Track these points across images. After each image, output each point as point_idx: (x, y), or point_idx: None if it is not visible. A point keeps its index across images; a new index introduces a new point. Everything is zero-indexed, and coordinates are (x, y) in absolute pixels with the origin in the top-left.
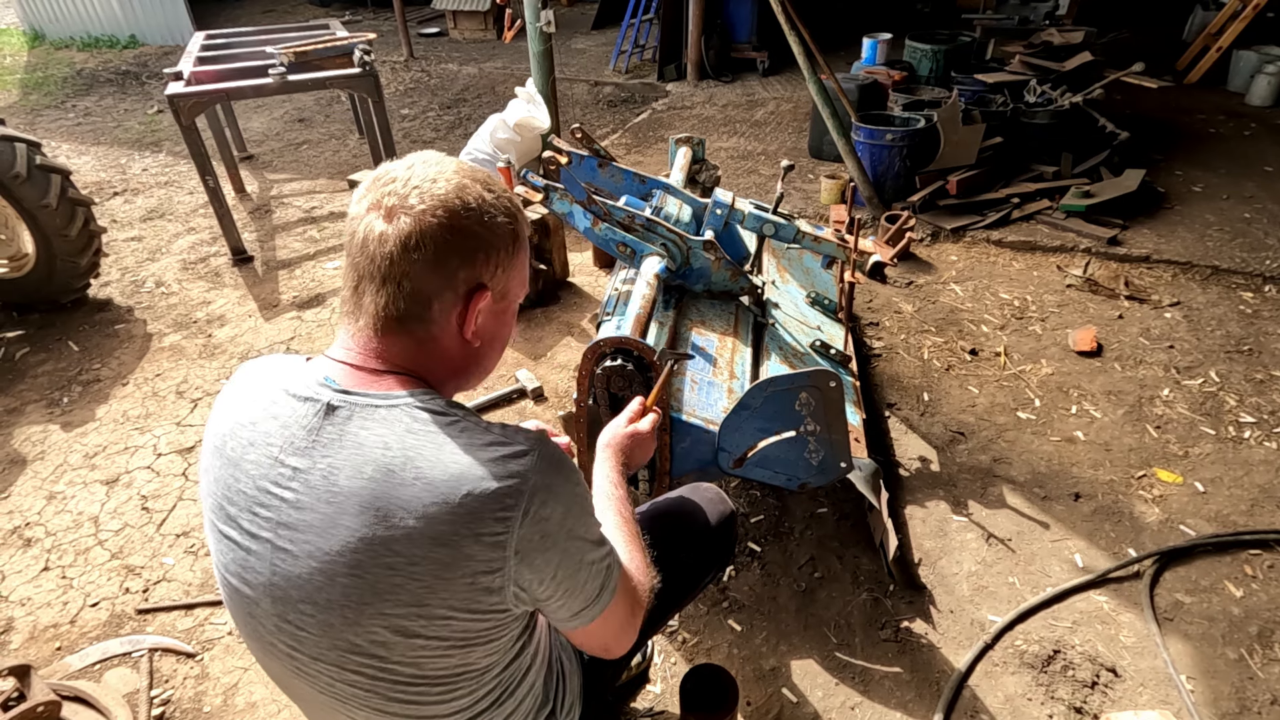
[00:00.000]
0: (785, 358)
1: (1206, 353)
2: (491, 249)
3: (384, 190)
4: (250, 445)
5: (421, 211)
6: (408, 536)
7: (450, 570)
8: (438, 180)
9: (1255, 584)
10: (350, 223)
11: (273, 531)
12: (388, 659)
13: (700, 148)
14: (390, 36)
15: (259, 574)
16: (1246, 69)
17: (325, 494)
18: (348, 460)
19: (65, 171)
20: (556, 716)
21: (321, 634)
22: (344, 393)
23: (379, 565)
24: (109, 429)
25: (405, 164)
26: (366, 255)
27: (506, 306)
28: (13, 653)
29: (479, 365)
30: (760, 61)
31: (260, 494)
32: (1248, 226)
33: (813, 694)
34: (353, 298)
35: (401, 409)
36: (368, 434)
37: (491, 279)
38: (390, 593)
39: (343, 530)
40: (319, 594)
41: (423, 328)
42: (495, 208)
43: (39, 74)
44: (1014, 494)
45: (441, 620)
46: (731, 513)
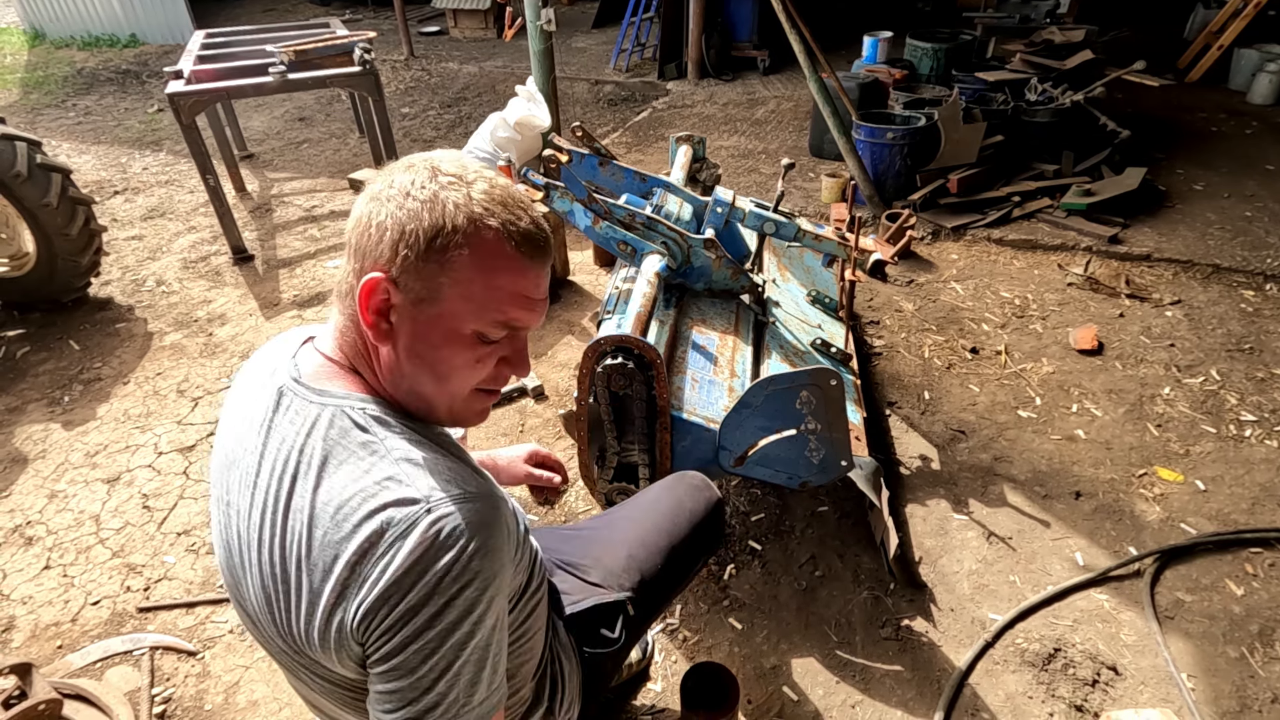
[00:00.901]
0: (786, 356)
1: (1207, 351)
2: (400, 231)
3: (396, 171)
4: (232, 433)
5: (380, 193)
6: (305, 542)
7: (326, 595)
8: (425, 186)
9: (1256, 582)
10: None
11: (227, 502)
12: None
13: (701, 146)
14: (390, 35)
15: (226, 544)
16: (1248, 67)
17: (250, 483)
18: (273, 451)
19: (66, 170)
20: (555, 714)
21: (289, 657)
22: (295, 381)
23: (298, 568)
24: (110, 428)
25: (425, 156)
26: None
27: (436, 319)
28: (14, 651)
29: (402, 375)
30: (761, 60)
31: (233, 463)
32: (1249, 225)
33: (813, 692)
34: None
35: (329, 409)
36: (290, 427)
37: (397, 269)
38: (308, 594)
39: (255, 516)
40: (270, 624)
41: (349, 307)
42: (435, 193)
43: (39, 73)
44: (1015, 492)
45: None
46: (718, 500)
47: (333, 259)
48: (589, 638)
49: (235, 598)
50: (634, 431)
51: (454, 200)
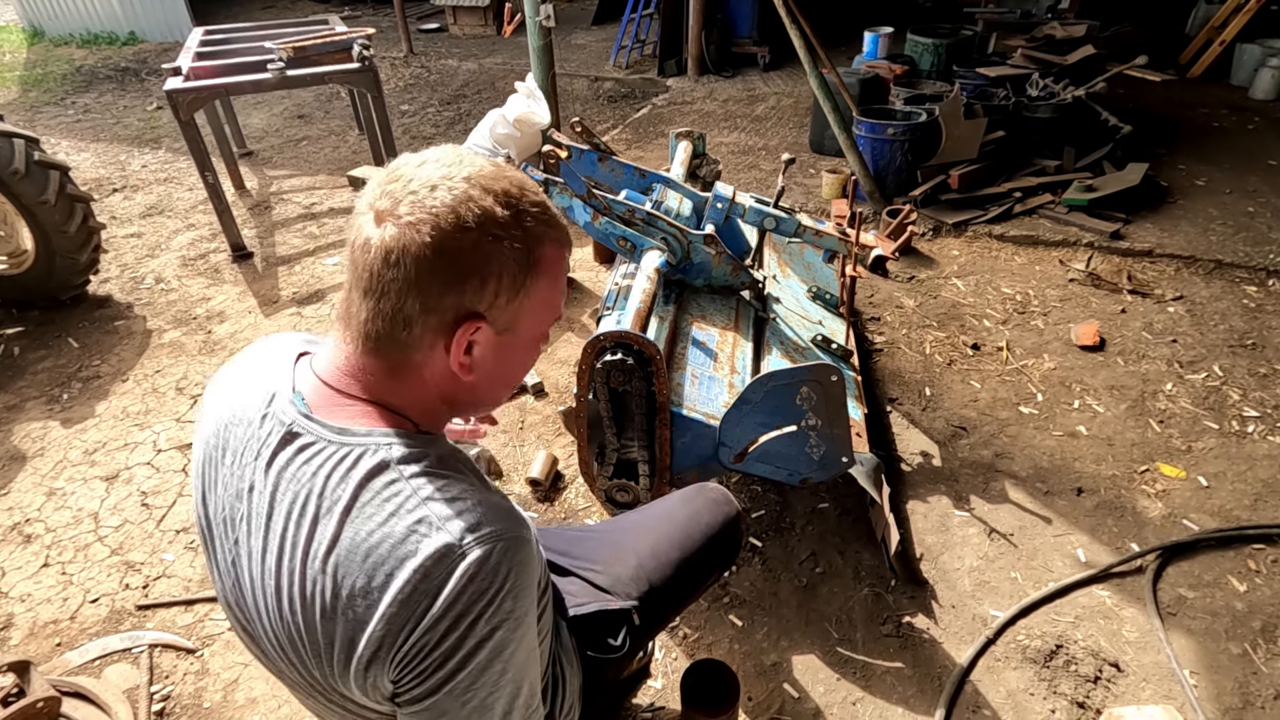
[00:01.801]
0: (786, 352)
1: (1210, 347)
2: (488, 275)
3: (386, 188)
4: (226, 450)
5: (408, 224)
6: (329, 625)
7: (348, 672)
8: (439, 187)
9: (1259, 579)
10: (351, 218)
11: (234, 547)
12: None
13: (701, 142)
14: (390, 32)
15: (235, 583)
16: (1250, 62)
17: (263, 527)
18: (287, 495)
19: (64, 168)
20: (555, 717)
21: (301, 675)
22: (307, 417)
23: (320, 613)
24: (109, 425)
25: (418, 160)
26: (354, 260)
27: (515, 341)
28: (13, 649)
29: (474, 399)
30: (761, 56)
31: (234, 500)
32: (1251, 221)
33: (814, 689)
34: (346, 301)
35: (353, 450)
36: (309, 468)
37: (489, 308)
38: (334, 634)
39: (285, 581)
40: (288, 643)
41: (401, 353)
42: (503, 226)
43: (38, 71)
44: (1016, 489)
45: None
46: (736, 514)
47: (332, 256)
48: (591, 642)
49: (245, 632)
50: (634, 428)
51: (525, 225)
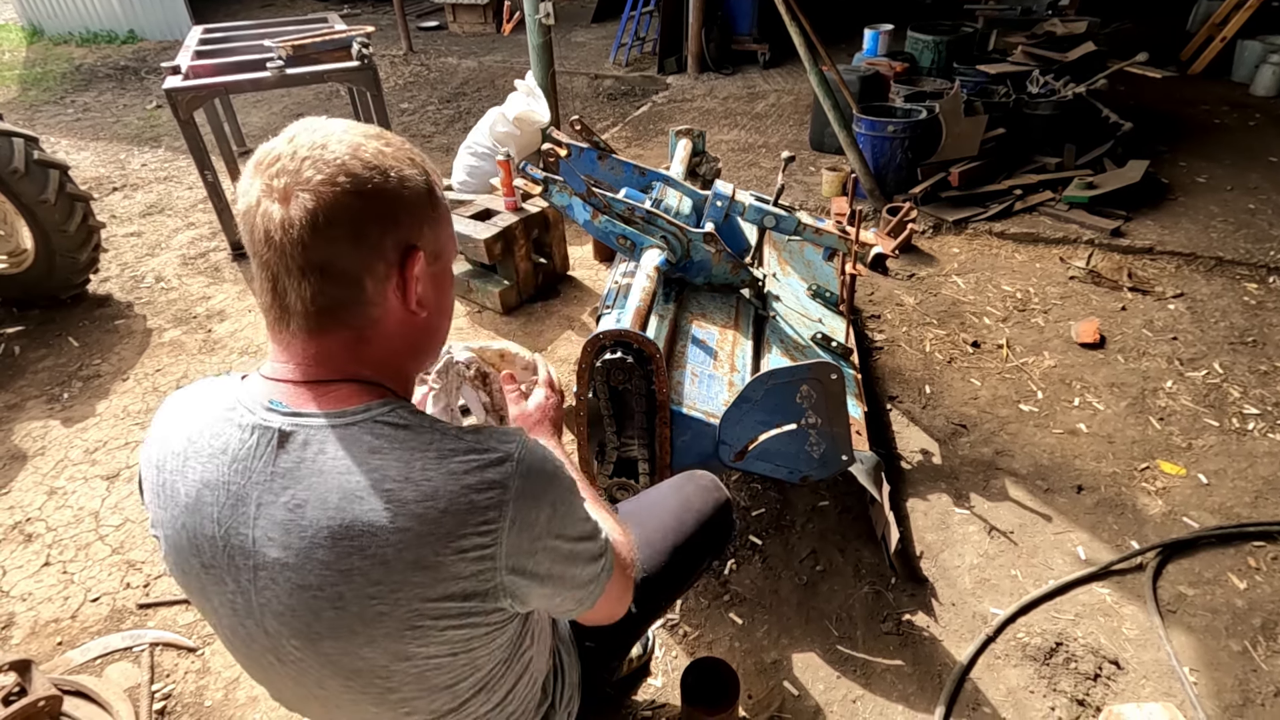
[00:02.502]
0: (786, 350)
1: (1210, 344)
2: (410, 205)
3: (271, 171)
4: (205, 486)
5: (320, 182)
6: (385, 565)
7: (434, 589)
8: (328, 144)
9: (1259, 576)
10: (244, 218)
11: (251, 574)
12: (389, 680)
13: (700, 140)
14: (389, 30)
15: (248, 612)
16: (1251, 59)
17: (295, 529)
18: (311, 490)
19: (64, 167)
20: (556, 709)
21: (318, 663)
22: (293, 415)
23: (360, 596)
24: (109, 424)
25: (285, 136)
26: (274, 249)
27: (443, 268)
28: (14, 648)
29: (432, 338)
30: (761, 54)
31: (230, 536)
32: (1252, 218)
33: (814, 687)
34: (274, 302)
35: (360, 426)
36: (327, 459)
37: (420, 238)
38: (377, 621)
39: (317, 564)
40: (308, 629)
41: (360, 313)
42: (399, 160)
43: (38, 69)
44: (1016, 486)
45: (438, 636)
46: (726, 500)
47: None
48: (588, 632)
49: (249, 661)
50: (633, 426)
51: (410, 155)
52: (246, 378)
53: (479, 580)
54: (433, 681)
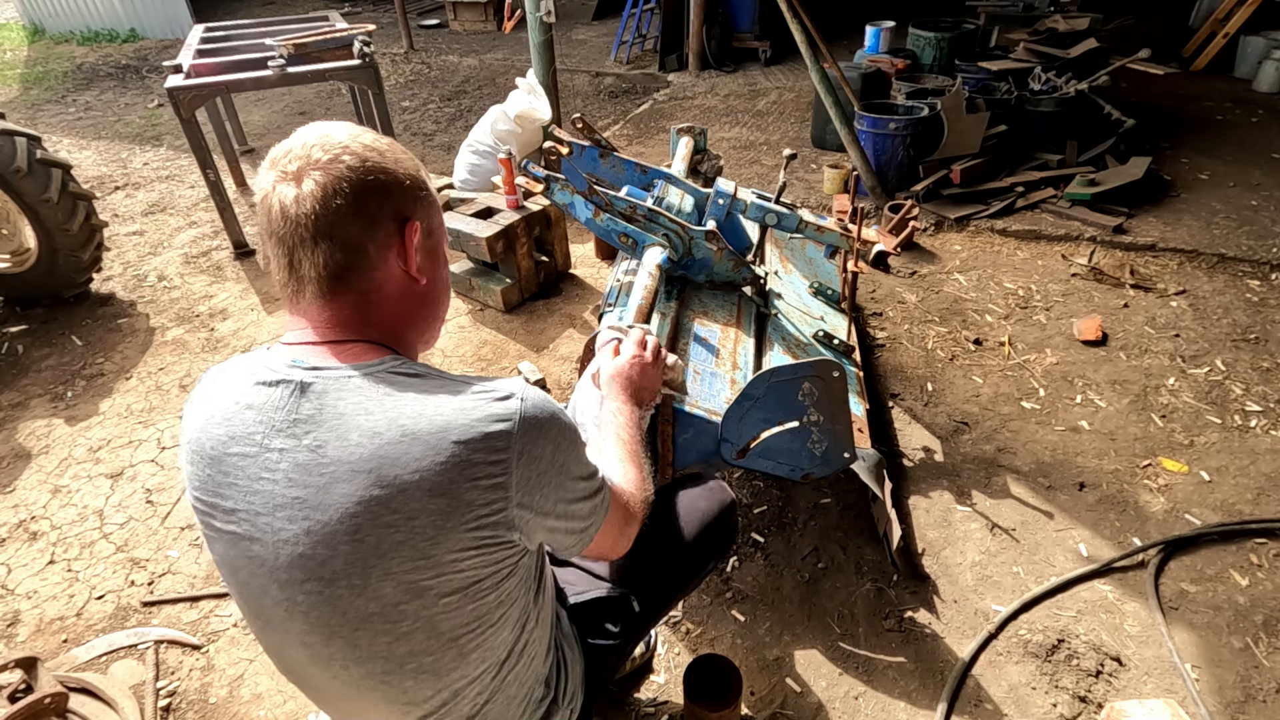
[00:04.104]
0: (788, 348)
1: (1212, 341)
2: (404, 183)
3: (284, 161)
4: (230, 439)
5: (328, 161)
6: (403, 492)
7: (451, 518)
8: (331, 134)
9: (1261, 573)
10: (261, 205)
11: (269, 516)
12: (400, 623)
13: (702, 138)
14: (390, 29)
15: (264, 562)
16: (1254, 55)
17: (315, 468)
18: (332, 431)
19: (66, 166)
20: (559, 704)
21: (331, 610)
22: (313, 369)
23: (378, 526)
24: (113, 423)
25: (294, 137)
26: (289, 222)
27: (436, 244)
28: (20, 645)
29: (431, 308)
30: (762, 51)
31: (252, 483)
32: (1254, 214)
33: (816, 684)
34: (290, 275)
35: (376, 375)
36: (346, 404)
37: (414, 211)
38: (393, 551)
39: (337, 498)
40: (323, 568)
41: (366, 278)
42: (393, 149)
43: (39, 69)
44: (1018, 484)
45: (450, 568)
46: (731, 502)
47: None
48: (591, 630)
49: (260, 620)
50: None
51: (397, 146)
52: (272, 348)
53: (491, 509)
54: (441, 627)
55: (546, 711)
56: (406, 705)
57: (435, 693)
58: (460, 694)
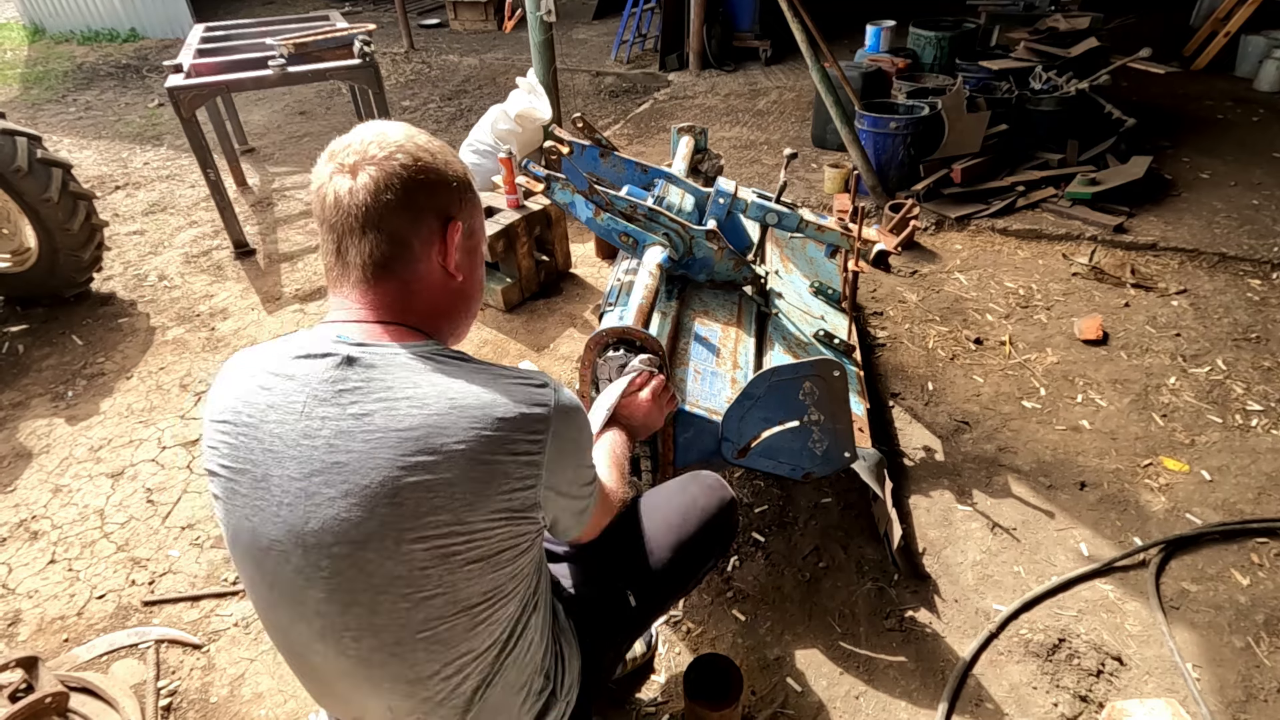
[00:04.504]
0: (789, 347)
1: (1213, 340)
2: (451, 184)
3: (342, 155)
4: (270, 407)
5: (384, 158)
6: (449, 460)
7: (488, 486)
8: (388, 133)
9: (1262, 572)
10: (316, 193)
11: (305, 479)
12: (424, 587)
13: (703, 137)
14: (390, 28)
15: (290, 527)
16: (1255, 54)
17: (360, 435)
18: (380, 402)
19: (66, 165)
20: (557, 696)
21: (357, 573)
22: (359, 344)
23: (420, 489)
24: (113, 422)
25: (353, 133)
26: (341, 211)
27: (475, 245)
28: (20, 644)
29: (465, 304)
30: (763, 50)
31: (290, 447)
32: (1256, 213)
33: (817, 683)
34: (337, 260)
35: (421, 354)
36: (393, 378)
37: (458, 212)
38: (431, 514)
39: (381, 462)
40: (356, 530)
41: (408, 269)
42: (444, 151)
43: (39, 68)
44: (1019, 483)
45: (481, 535)
46: (730, 500)
47: None
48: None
49: (274, 592)
50: None
51: (449, 150)
52: (313, 328)
53: (524, 483)
54: (460, 594)
55: (545, 704)
56: (411, 684)
57: (442, 666)
58: (464, 671)
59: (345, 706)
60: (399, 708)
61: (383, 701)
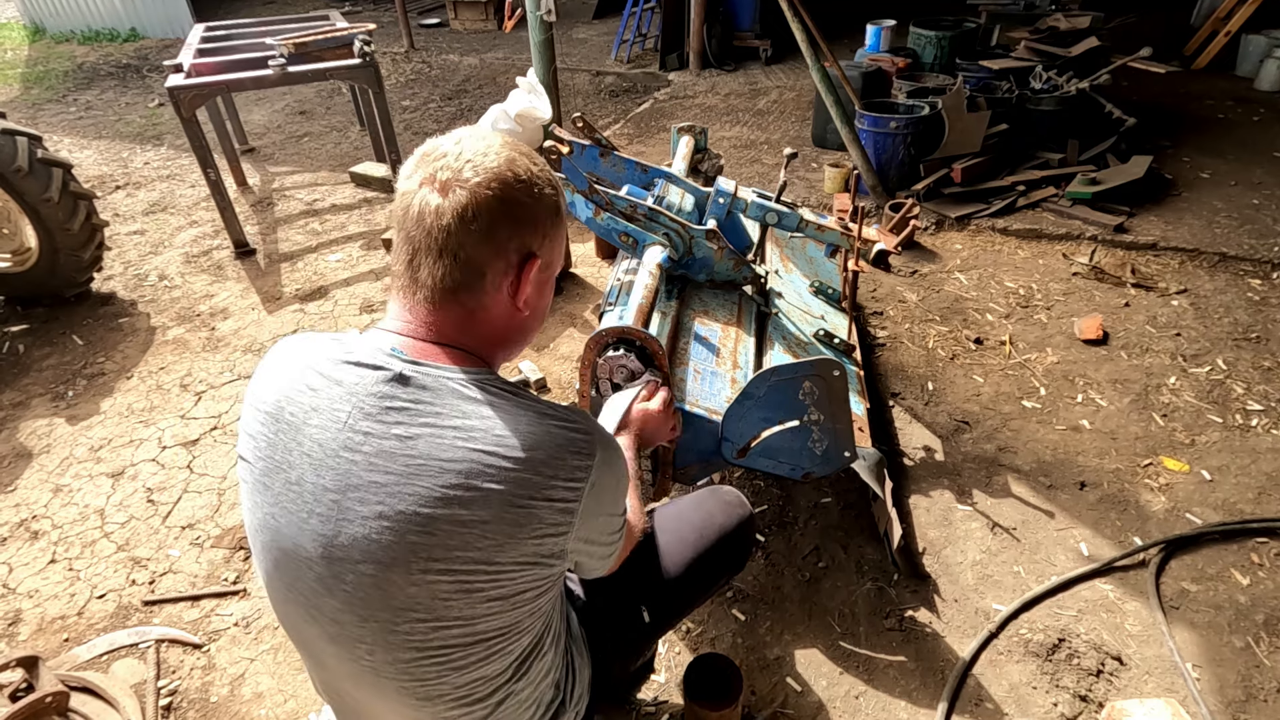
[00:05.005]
0: (789, 347)
1: (1214, 340)
2: (540, 219)
3: (436, 165)
4: (314, 410)
5: (476, 184)
6: (486, 499)
7: (521, 530)
8: (488, 154)
9: (1262, 572)
10: (402, 198)
11: (340, 493)
12: (444, 616)
13: (703, 137)
14: (391, 28)
15: (318, 536)
16: (1255, 53)
17: (402, 458)
18: (427, 426)
19: (67, 165)
20: (566, 706)
21: (378, 593)
22: (414, 363)
23: (453, 523)
24: (114, 422)
25: (453, 139)
26: (423, 229)
27: (548, 277)
28: (21, 644)
29: (524, 335)
30: (763, 50)
31: (329, 457)
32: (1256, 213)
33: (817, 683)
34: (407, 272)
35: (474, 382)
36: (443, 403)
37: (540, 247)
38: (461, 549)
39: (420, 490)
40: (384, 552)
41: (475, 298)
42: (541, 180)
43: (40, 68)
44: (1019, 483)
45: (506, 576)
46: (749, 517)
47: (334, 252)
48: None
49: (292, 592)
50: None
51: (552, 178)
52: (366, 332)
53: (556, 529)
54: (479, 628)
55: (555, 713)
56: (420, 700)
57: (452, 689)
58: (475, 693)
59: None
60: (408, 717)
61: (389, 706)
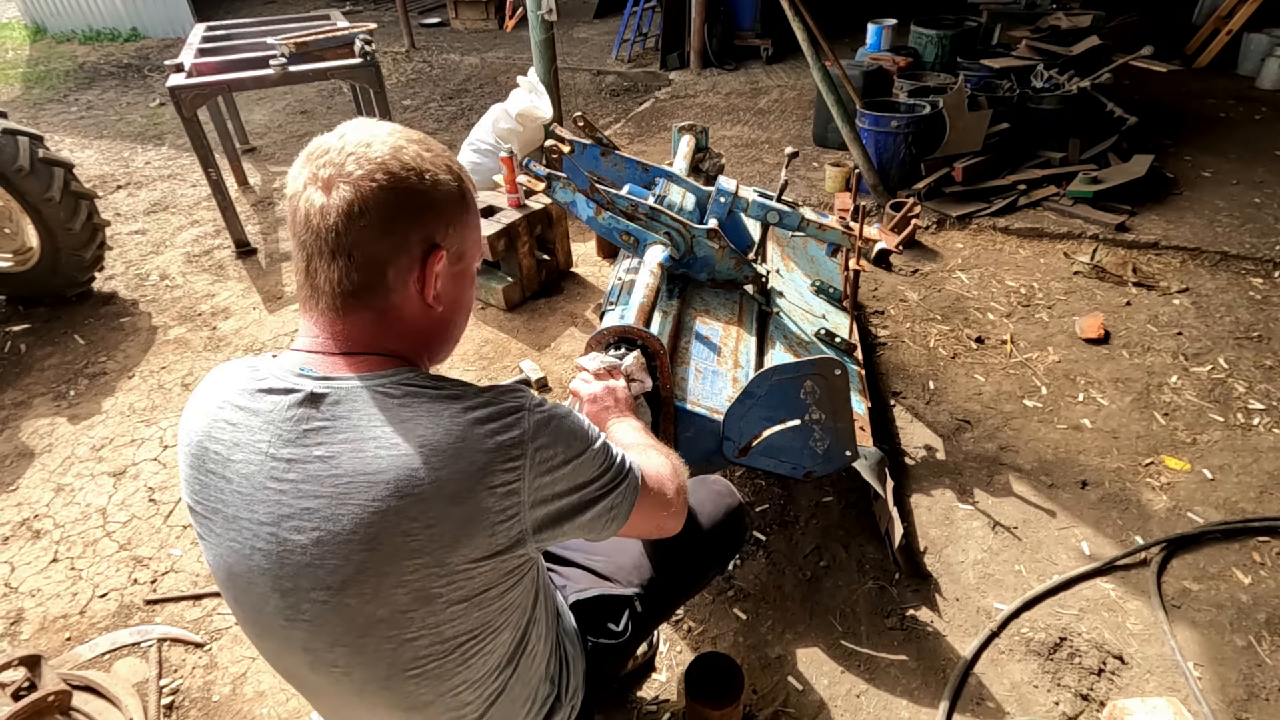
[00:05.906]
0: (790, 346)
1: (1215, 339)
2: (439, 207)
3: (319, 163)
4: (236, 445)
5: (360, 177)
6: (422, 501)
7: (469, 525)
8: (372, 144)
9: (1264, 571)
10: (289, 201)
11: (275, 525)
12: (406, 629)
13: (704, 136)
14: (391, 27)
15: (265, 571)
16: (1257, 52)
17: (328, 479)
18: (346, 443)
19: (68, 165)
20: (561, 701)
21: (337, 618)
22: (324, 379)
23: (396, 534)
24: (115, 421)
25: (337, 133)
26: (311, 231)
27: (464, 269)
28: (23, 643)
29: (447, 333)
30: (764, 49)
31: (257, 490)
32: (1258, 212)
33: (818, 682)
34: (307, 281)
35: (390, 387)
36: (359, 415)
37: (444, 238)
38: (410, 558)
39: (353, 508)
40: (332, 576)
41: (382, 298)
42: (435, 166)
43: (41, 68)
44: (1020, 482)
45: (463, 575)
46: (738, 505)
47: None
48: (594, 628)
49: (258, 627)
50: None
51: (449, 164)
52: (278, 355)
53: (506, 514)
54: (446, 634)
55: (550, 709)
56: (409, 710)
57: (438, 697)
58: (463, 697)
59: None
60: None
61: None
